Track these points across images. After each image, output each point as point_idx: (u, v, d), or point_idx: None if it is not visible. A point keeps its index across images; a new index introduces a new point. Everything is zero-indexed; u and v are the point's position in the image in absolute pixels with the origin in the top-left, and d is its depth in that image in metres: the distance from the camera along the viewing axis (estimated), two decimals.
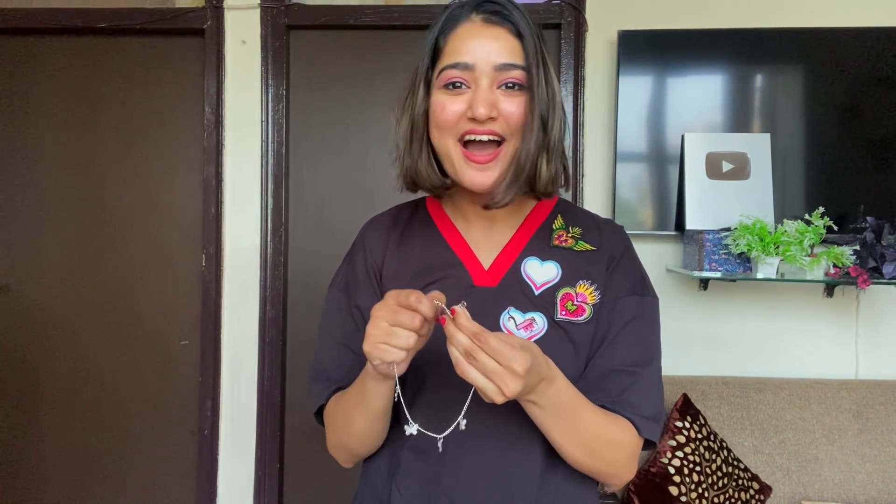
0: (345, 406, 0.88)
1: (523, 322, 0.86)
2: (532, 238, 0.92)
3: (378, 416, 0.85)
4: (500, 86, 0.83)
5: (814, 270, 1.77)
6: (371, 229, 0.98)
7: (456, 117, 0.83)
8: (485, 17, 0.85)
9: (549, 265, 0.90)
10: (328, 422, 0.93)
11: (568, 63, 2.11)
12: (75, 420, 2.28)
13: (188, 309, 2.24)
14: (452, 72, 0.83)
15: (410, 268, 0.92)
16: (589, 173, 2.11)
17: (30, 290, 2.29)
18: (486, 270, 0.90)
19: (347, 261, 0.99)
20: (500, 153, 0.84)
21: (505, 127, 0.83)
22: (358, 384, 0.84)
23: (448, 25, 0.86)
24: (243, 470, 2.20)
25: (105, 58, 2.26)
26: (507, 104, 0.83)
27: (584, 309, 0.88)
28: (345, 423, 0.88)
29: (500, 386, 0.68)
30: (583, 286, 0.89)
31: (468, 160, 0.84)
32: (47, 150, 2.28)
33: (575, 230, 0.94)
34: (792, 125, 2.00)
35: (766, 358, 2.06)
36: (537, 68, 0.84)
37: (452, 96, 0.84)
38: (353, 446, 0.91)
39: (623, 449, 0.84)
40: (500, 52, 0.83)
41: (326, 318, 0.97)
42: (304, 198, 2.23)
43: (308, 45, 2.22)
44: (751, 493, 1.75)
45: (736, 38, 2.00)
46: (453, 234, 0.94)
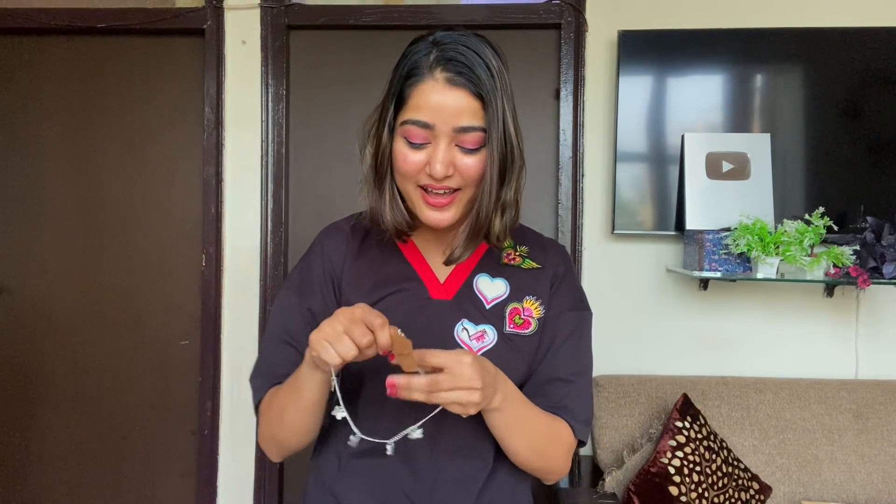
0: (280, 398, 0.91)
1: (475, 333, 0.93)
2: (483, 256, 0.99)
3: (310, 408, 0.88)
4: (457, 144, 0.87)
5: (814, 270, 1.77)
6: (331, 237, 1.01)
7: (416, 168, 0.88)
8: (448, 78, 0.85)
9: (498, 281, 0.97)
10: (263, 414, 0.96)
11: (568, 63, 2.11)
12: (75, 420, 2.28)
13: (188, 309, 2.24)
14: (413, 129, 0.87)
15: (370, 278, 0.97)
16: (589, 173, 2.11)
17: (30, 290, 2.29)
18: (442, 284, 0.97)
19: (303, 263, 1.02)
20: (456, 198, 0.90)
21: (460, 180, 0.88)
22: (294, 375, 0.88)
23: (412, 78, 0.87)
24: (243, 470, 2.20)
25: (105, 58, 2.26)
26: (463, 160, 0.87)
27: (529, 322, 0.96)
28: (279, 414, 0.91)
29: (465, 404, 0.76)
30: (529, 301, 0.97)
31: (427, 203, 0.90)
32: (47, 150, 2.28)
33: (522, 249, 1.02)
34: (792, 125, 2.00)
35: (766, 358, 2.06)
36: (496, 125, 0.86)
37: (413, 151, 0.88)
38: (284, 438, 0.93)
39: (563, 448, 0.94)
40: (460, 114, 0.85)
41: (275, 317, 1.00)
42: (304, 198, 2.23)
43: (308, 45, 2.22)
44: (751, 493, 1.75)
45: (736, 38, 2.00)
46: (410, 247, 1.00)
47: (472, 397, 0.76)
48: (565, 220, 2.10)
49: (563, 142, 2.11)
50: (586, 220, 2.11)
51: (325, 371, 0.81)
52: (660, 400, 1.91)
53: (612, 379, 1.98)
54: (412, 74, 0.88)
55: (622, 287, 2.10)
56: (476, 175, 0.88)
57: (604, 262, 2.11)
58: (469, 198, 0.90)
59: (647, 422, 1.89)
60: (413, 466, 0.92)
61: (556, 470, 0.95)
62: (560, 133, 2.11)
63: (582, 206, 2.11)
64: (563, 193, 2.11)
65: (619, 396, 1.94)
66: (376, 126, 0.93)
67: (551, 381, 0.95)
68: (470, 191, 0.90)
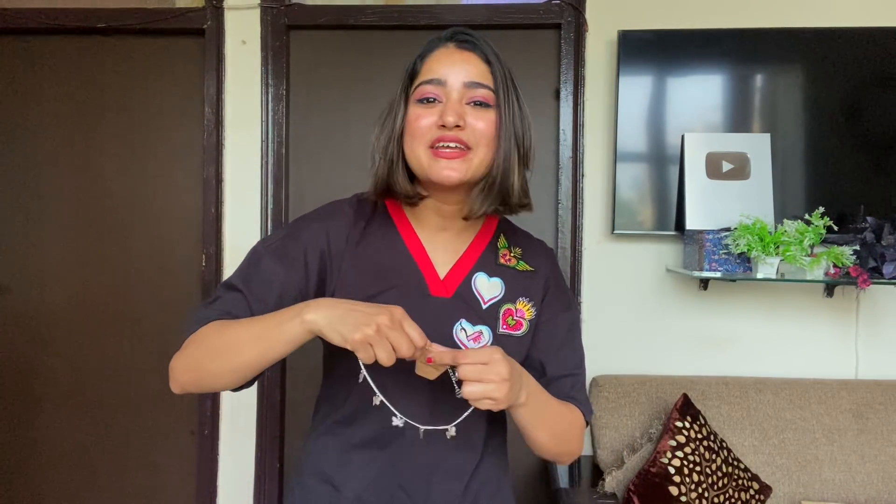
0: (235, 338, 0.85)
1: (473, 334, 0.96)
2: (481, 254, 1.01)
3: (266, 363, 0.85)
4: (469, 102, 0.92)
5: (814, 270, 1.77)
6: (335, 217, 0.99)
7: (428, 126, 0.91)
8: (457, 44, 0.95)
9: (494, 281, 1.00)
10: (197, 342, 0.88)
11: (568, 63, 2.11)
12: (75, 420, 2.28)
13: (188, 309, 2.24)
14: (427, 87, 0.93)
15: (371, 266, 0.97)
16: (589, 173, 2.11)
17: (30, 290, 2.29)
18: (442, 281, 0.98)
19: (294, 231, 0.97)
20: (466, 155, 0.91)
21: (471, 137, 0.91)
22: (271, 320, 0.84)
23: (425, 51, 0.97)
24: (243, 470, 2.20)
25: (105, 58, 2.26)
26: (474, 119, 0.91)
27: (521, 324, 1.00)
28: (225, 350, 0.85)
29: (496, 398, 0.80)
30: (522, 303, 1.01)
31: (436, 157, 0.91)
32: (47, 150, 2.28)
33: (516, 250, 1.05)
34: (792, 125, 2.00)
35: (766, 358, 2.06)
36: (505, 91, 0.94)
37: (426, 108, 0.92)
38: (214, 374, 0.87)
39: (578, 431, 1.01)
40: (470, 72, 0.93)
41: (246, 272, 0.94)
42: (304, 198, 2.23)
43: (308, 45, 2.22)
44: (751, 493, 1.75)
45: (736, 38, 2.00)
46: (413, 240, 1.00)
47: (502, 389, 0.80)
48: (565, 220, 2.10)
49: (563, 142, 2.11)
50: (586, 220, 2.11)
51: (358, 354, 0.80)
52: (660, 400, 1.91)
53: (612, 379, 1.98)
54: (426, 50, 0.96)
55: (622, 287, 2.10)
56: (486, 133, 0.92)
57: (604, 262, 2.11)
58: (479, 161, 0.92)
59: (647, 422, 1.89)
60: (411, 458, 0.94)
61: (573, 452, 1.01)
62: (560, 133, 2.11)
63: (582, 206, 2.11)
64: (563, 193, 2.11)
65: (619, 396, 1.94)
66: (390, 109, 0.97)
67: (560, 377, 1.01)
68: (481, 152, 0.92)
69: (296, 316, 0.81)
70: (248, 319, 0.87)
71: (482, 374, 0.79)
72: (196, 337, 0.89)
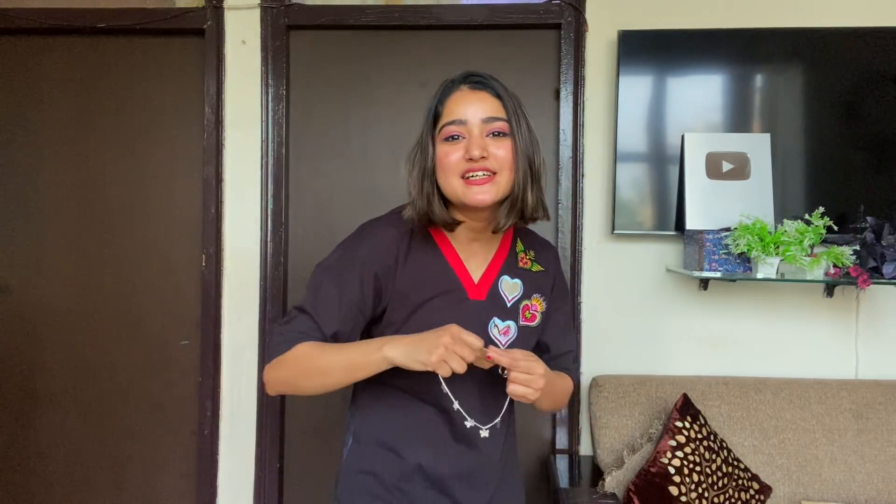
0: (327, 362, 1.06)
1: (503, 329, 1.17)
2: (505, 260, 1.20)
3: (353, 380, 1.08)
4: (488, 134, 1.08)
5: (814, 270, 1.77)
6: (383, 237, 1.13)
7: (457, 161, 1.08)
8: (471, 86, 1.11)
9: (516, 282, 1.20)
10: (293, 361, 1.07)
11: (568, 63, 2.11)
12: (75, 420, 2.28)
13: (188, 309, 2.24)
14: (451, 127, 1.09)
15: (419, 279, 1.13)
16: (589, 173, 2.11)
17: (30, 290, 2.29)
18: (476, 285, 1.17)
19: (347, 254, 1.13)
20: (494, 179, 1.08)
21: (495, 164, 1.07)
22: (360, 357, 1.04)
23: (444, 95, 1.12)
24: (243, 470, 2.20)
25: (105, 58, 2.26)
26: (495, 148, 1.08)
27: (536, 316, 1.21)
28: (320, 373, 1.06)
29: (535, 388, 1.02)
30: (536, 298, 1.21)
31: (469, 185, 1.07)
32: (47, 150, 2.28)
33: (531, 253, 1.24)
34: (792, 125, 2.00)
35: (766, 358, 2.06)
36: (517, 120, 1.10)
37: (452, 145, 1.08)
38: (307, 389, 1.10)
39: (569, 394, 1.29)
40: (485, 109, 1.09)
41: (312, 297, 1.11)
42: (304, 198, 2.23)
43: (308, 45, 2.22)
44: (751, 493, 1.75)
45: (736, 38, 2.00)
46: (450, 251, 1.17)
47: (538, 394, 1.02)
48: (565, 220, 2.11)
49: (563, 142, 2.11)
50: (586, 220, 2.11)
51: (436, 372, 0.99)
52: (660, 400, 1.91)
53: (612, 379, 1.98)
54: (443, 95, 1.12)
55: (622, 287, 2.10)
56: (507, 158, 1.08)
57: (604, 262, 2.11)
58: (505, 182, 1.08)
59: (647, 422, 1.89)
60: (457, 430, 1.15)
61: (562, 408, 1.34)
62: (560, 133, 2.11)
63: (582, 206, 2.11)
64: (563, 193, 2.11)
65: (619, 396, 1.94)
66: (419, 146, 1.13)
67: (563, 354, 1.28)
68: (505, 175, 1.08)
69: (377, 351, 1.02)
70: (337, 348, 1.06)
71: (528, 382, 1.01)
72: (289, 358, 1.07)
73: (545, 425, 2.16)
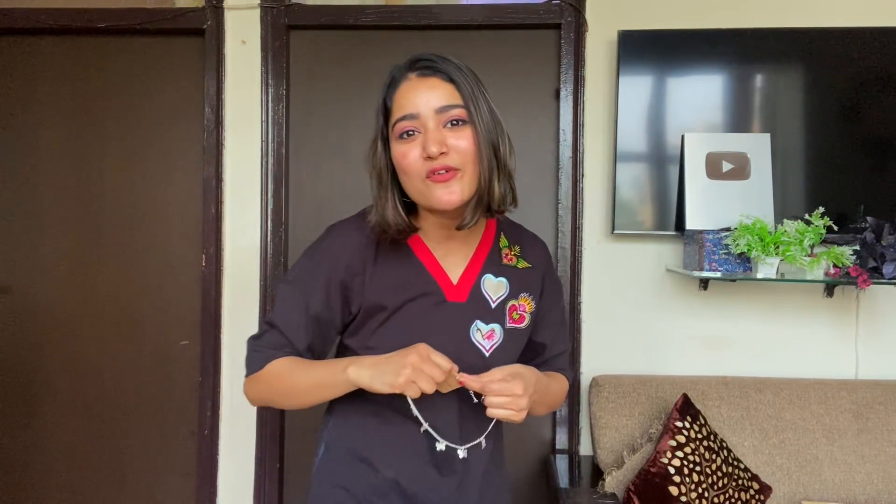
0: (296, 382, 1.03)
1: (486, 332, 1.07)
2: (487, 256, 1.10)
3: (324, 399, 1.05)
4: (445, 125, 0.97)
5: (814, 270, 1.77)
6: (347, 242, 1.06)
7: (416, 160, 0.97)
8: (419, 73, 1.00)
9: (500, 280, 1.09)
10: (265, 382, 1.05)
11: (568, 63, 2.11)
12: (75, 420, 2.28)
13: (188, 309, 2.24)
14: (402, 123, 0.98)
15: (391, 283, 1.05)
16: (589, 173, 2.11)
17: (30, 290, 2.29)
18: (455, 286, 1.07)
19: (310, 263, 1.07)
20: (457, 175, 0.97)
21: (457, 158, 0.96)
22: (325, 378, 1.00)
23: (391, 88, 1.02)
24: (243, 470, 2.20)
25: (105, 58, 2.26)
26: (454, 139, 0.96)
27: (524, 318, 1.11)
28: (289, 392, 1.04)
29: (517, 410, 0.94)
30: (524, 298, 1.11)
31: (434, 182, 0.97)
32: (47, 150, 2.28)
33: (516, 248, 1.13)
34: (792, 125, 2.00)
35: (766, 358, 2.06)
36: (475, 103, 0.98)
37: (408, 144, 0.98)
38: (283, 405, 1.09)
39: (564, 395, 1.22)
40: (438, 97, 0.97)
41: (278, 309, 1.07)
42: (304, 198, 2.23)
43: (308, 45, 2.22)
44: (751, 493, 1.75)
45: (736, 38, 2.00)
46: (426, 253, 1.08)
47: (521, 415, 0.95)
48: (565, 220, 2.10)
49: (563, 142, 2.11)
50: (586, 220, 2.11)
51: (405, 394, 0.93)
52: (660, 400, 1.91)
53: (612, 379, 1.98)
54: (390, 85, 1.02)
55: (622, 287, 2.10)
56: (469, 150, 0.97)
57: (604, 262, 2.11)
58: (471, 176, 0.98)
59: (647, 422, 1.89)
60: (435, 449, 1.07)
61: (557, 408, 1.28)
62: (560, 133, 2.11)
63: (582, 206, 2.11)
64: (563, 193, 2.11)
65: (619, 396, 1.94)
66: (373, 147, 1.04)
67: (558, 354, 1.20)
68: (470, 169, 0.97)
69: (342, 372, 0.97)
70: (306, 368, 1.02)
71: (506, 405, 0.93)
72: (262, 377, 1.05)
73: (545, 425, 2.16)
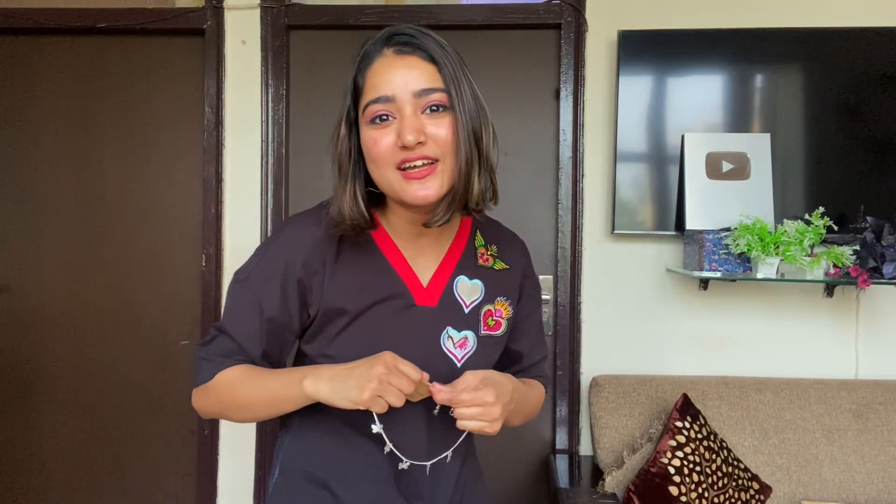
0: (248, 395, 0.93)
1: (459, 340, 0.98)
2: (461, 257, 1.01)
3: (279, 412, 0.95)
4: (423, 110, 0.86)
5: (814, 270, 1.77)
6: (303, 240, 0.95)
7: (389, 149, 0.86)
8: (396, 50, 0.88)
9: (475, 283, 1.00)
10: (216, 392, 0.95)
11: (568, 63, 2.11)
12: (75, 420, 2.28)
13: (188, 309, 2.24)
14: (375, 106, 0.87)
15: (354, 284, 0.94)
16: (589, 173, 2.11)
17: (30, 290, 2.29)
18: (425, 288, 0.97)
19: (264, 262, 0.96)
20: (436, 169, 0.87)
21: (435, 149, 0.86)
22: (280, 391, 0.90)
23: (364, 64, 0.90)
24: (243, 470, 2.20)
25: (105, 58, 2.26)
26: (433, 127, 0.86)
27: (500, 324, 1.02)
28: (241, 404, 0.94)
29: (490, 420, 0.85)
30: (500, 302, 1.02)
31: (407, 179, 0.87)
32: (47, 150, 2.28)
33: (492, 248, 1.04)
34: (792, 125, 2.00)
35: (766, 358, 2.06)
36: (457, 87, 0.87)
37: (381, 130, 0.87)
38: (233, 418, 0.99)
39: (540, 404, 1.13)
40: (417, 79, 0.86)
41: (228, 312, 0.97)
42: (304, 198, 2.23)
43: (308, 45, 2.22)
44: (751, 493, 1.75)
45: (736, 38, 2.00)
46: (393, 251, 0.97)
47: (496, 426, 0.86)
48: (565, 220, 2.10)
49: (563, 142, 2.11)
50: (586, 220, 2.11)
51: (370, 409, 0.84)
52: (660, 400, 1.91)
53: (612, 379, 1.98)
54: (362, 61, 0.90)
55: (622, 287, 2.10)
56: (448, 140, 0.87)
57: (604, 262, 2.11)
58: (450, 169, 0.88)
59: (647, 422, 1.89)
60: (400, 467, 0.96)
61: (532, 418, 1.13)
62: (560, 133, 2.11)
63: (582, 206, 2.11)
64: (563, 193, 2.11)
65: (619, 396, 1.94)
66: (338, 126, 0.93)
67: (536, 362, 1.13)
68: (448, 161, 0.88)
69: (297, 385, 0.87)
70: (259, 378, 0.92)
71: (478, 416, 0.84)
72: (211, 388, 0.95)
73: (545, 425, 2.16)
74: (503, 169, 2.24)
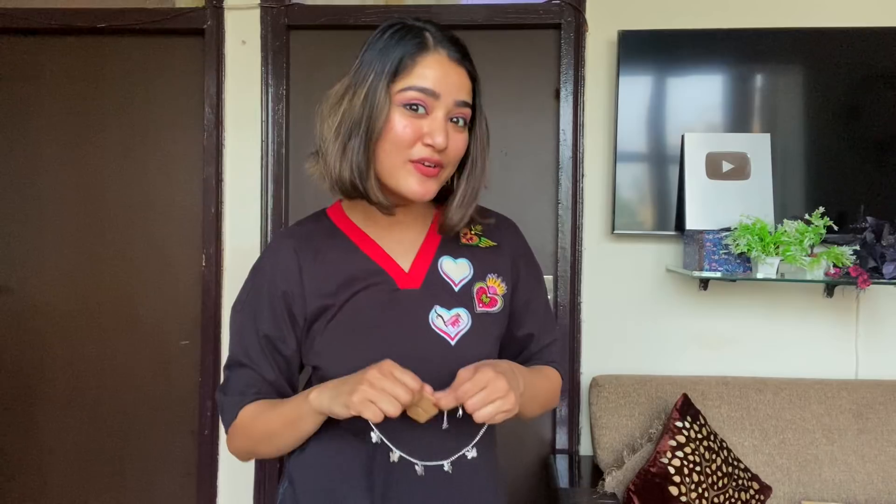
0: (269, 425, 0.94)
1: (450, 318, 0.96)
2: (441, 240, 1.01)
3: (303, 437, 0.95)
4: (451, 118, 0.91)
5: (814, 270, 1.77)
6: (276, 255, 0.99)
7: (411, 139, 0.89)
8: (452, 56, 0.91)
9: (461, 262, 1.00)
10: (241, 431, 0.97)
11: (568, 63, 2.11)
12: (75, 420, 2.28)
13: (188, 309, 2.24)
14: (416, 94, 0.88)
15: (333, 281, 0.96)
16: (589, 173, 2.11)
17: (30, 290, 2.29)
18: (407, 273, 0.97)
19: (251, 284, 1.01)
20: (438, 173, 0.91)
21: (446, 157, 0.91)
22: (292, 412, 0.92)
23: (416, 50, 0.90)
24: (243, 470, 2.19)
25: (105, 58, 2.26)
26: (455, 136, 0.91)
27: (496, 300, 1.00)
28: (266, 437, 0.95)
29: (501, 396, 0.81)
30: (492, 279, 1.01)
31: (415, 171, 0.90)
32: (47, 150, 2.28)
33: (476, 227, 1.04)
34: (792, 125, 2.00)
35: (766, 358, 2.06)
36: (479, 110, 0.95)
37: (413, 118, 0.89)
38: (266, 454, 1.00)
39: (558, 392, 1.09)
40: (461, 89, 0.91)
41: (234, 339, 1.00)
42: (305, 198, 2.23)
43: (308, 45, 2.22)
44: (751, 493, 1.75)
45: (736, 38, 2.00)
46: (367, 241, 0.99)
47: (510, 399, 0.82)
48: (565, 220, 2.10)
49: (563, 142, 2.11)
50: (586, 220, 2.11)
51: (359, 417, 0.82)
52: (660, 400, 1.91)
53: (612, 379, 1.98)
54: (416, 48, 0.90)
55: (622, 287, 2.10)
56: (459, 153, 0.93)
57: (604, 262, 2.11)
58: (444, 178, 0.94)
59: (647, 422, 1.89)
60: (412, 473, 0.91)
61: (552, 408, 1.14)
62: (560, 133, 2.11)
63: (582, 206, 2.11)
64: (563, 193, 2.11)
65: (619, 396, 1.94)
66: (354, 89, 0.92)
67: (546, 346, 1.09)
68: (448, 170, 0.93)
69: (305, 401, 0.88)
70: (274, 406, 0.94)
71: (488, 397, 0.81)
72: (239, 428, 0.96)
73: (545, 425, 2.16)
74: (503, 169, 2.25)
